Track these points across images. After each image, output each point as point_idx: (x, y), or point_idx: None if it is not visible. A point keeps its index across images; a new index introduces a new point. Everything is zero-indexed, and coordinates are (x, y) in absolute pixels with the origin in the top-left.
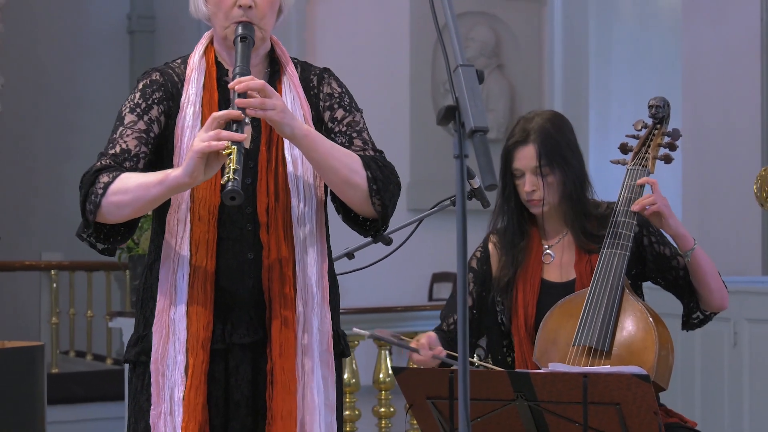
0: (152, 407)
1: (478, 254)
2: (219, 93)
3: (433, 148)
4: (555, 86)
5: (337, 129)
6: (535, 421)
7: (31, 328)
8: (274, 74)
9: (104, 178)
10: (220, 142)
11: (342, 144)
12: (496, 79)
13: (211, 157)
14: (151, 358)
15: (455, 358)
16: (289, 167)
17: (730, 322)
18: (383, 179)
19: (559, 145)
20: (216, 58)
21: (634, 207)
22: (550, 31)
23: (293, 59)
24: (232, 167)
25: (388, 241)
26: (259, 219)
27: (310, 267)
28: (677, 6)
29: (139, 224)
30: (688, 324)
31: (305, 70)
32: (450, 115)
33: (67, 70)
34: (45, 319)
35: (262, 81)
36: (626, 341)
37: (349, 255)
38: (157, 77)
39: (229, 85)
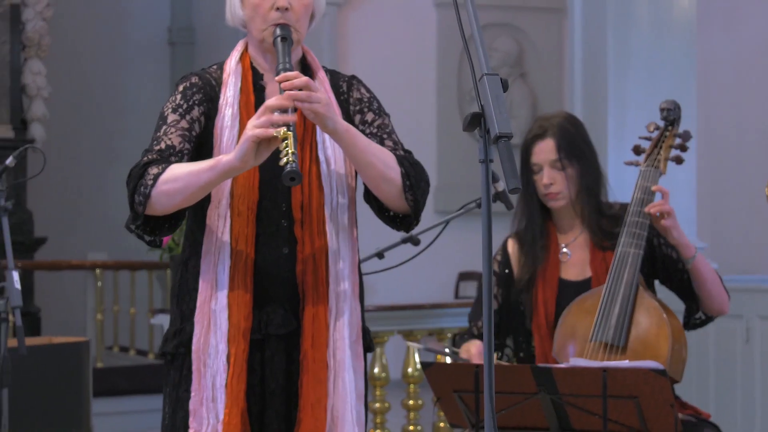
0: (193, 395)
1: (498, 258)
2: (255, 96)
3: (459, 153)
4: (575, 93)
5: (368, 131)
6: (557, 414)
7: (77, 325)
8: None
9: (153, 170)
10: (274, 129)
11: None
12: (518, 88)
13: (262, 143)
14: (193, 348)
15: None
16: (323, 166)
17: (742, 319)
18: (415, 176)
19: (576, 140)
20: (251, 63)
21: (649, 209)
22: (569, 41)
23: (323, 67)
24: (290, 150)
25: (416, 242)
26: (294, 215)
27: (342, 261)
28: (692, 15)
29: (184, 218)
30: (690, 324)
31: (334, 76)
32: (476, 121)
33: (110, 79)
34: (90, 316)
35: (307, 77)
36: (641, 336)
37: (380, 255)
38: (197, 80)
39: (276, 79)
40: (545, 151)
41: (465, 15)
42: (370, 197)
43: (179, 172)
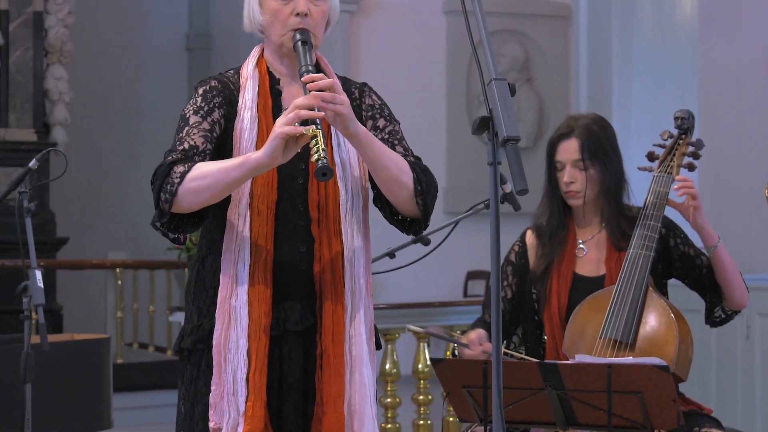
0: (214, 388)
1: (516, 248)
2: (272, 100)
3: (468, 155)
4: (580, 98)
5: (379, 137)
6: (563, 409)
7: (98, 322)
8: None
9: (180, 168)
10: (304, 126)
11: None
12: (525, 92)
13: (290, 141)
14: (213, 343)
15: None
16: (338, 168)
17: (743, 317)
18: (426, 181)
19: (601, 142)
20: (268, 68)
21: (677, 189)
22: (575, 47)
23: (335, 74)
24: (320, 147)
25: (426, 242)
26: (311, 215)
27: (357, 260)
28: (694, 21)
29: (208, 216)
30: (710, 320)
31: (346, 83)
32: (484, 125)
33: (129, 84)
34: (111, 313)
35: (332, 79)
36: (649, 335)
37: (391, 254)
38: (216, 84)
39: (302, 80)
40: (569, 150)
41: (474, 22)
42: (381, 201)
43: (207, 169)
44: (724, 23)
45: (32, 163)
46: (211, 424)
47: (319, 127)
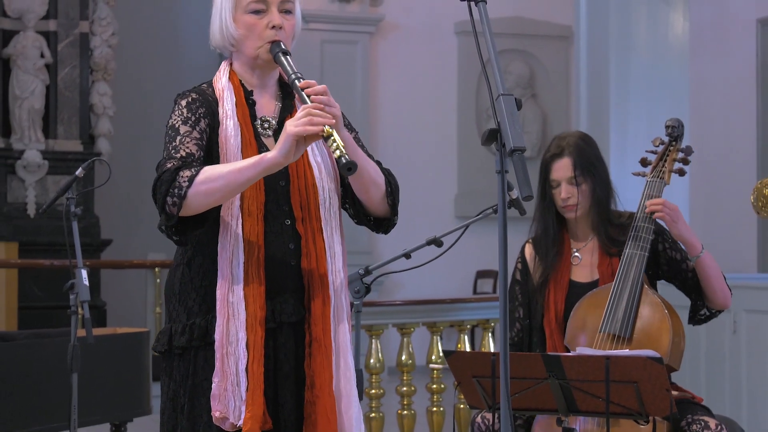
0: (217, 380)
1: (519, 266)
2: (249, 109)
3: (477, 164)
4: (581, 112)
5: None
6: (565, 397)
7: (138, 317)
8: (285, 96)
9: (186, 173)
10: (315, 127)
11: None
12: (530, 107)
13: (299, 141)
14: (216, 338)
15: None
16: (315, 171)
17: (730, 313)
18: (394, 183)
19: (590, 157)
20: (240, 81)
21: (648, 204)
22: (576, 65)
23: None
24: (340, 144)
25: (439, 243)
26: (295, 214)
27: (337, 255)
28: (685, 42)
29: (212, 219)
30: (695, 319)
31: None
32: (493, 136)
33: (168, 98)
34: (150, 309)
35: (324, 86)
36: (645, 328)
37: (407, 255)
38: (197, 96)
39: (300, 85)
40: (563, 168)
41: (483, 42)
42: (352, 202)
43: (218, 171)
44: (712, 43)
45: (79, 172)
46: (216, 414)
47: (330, 127)
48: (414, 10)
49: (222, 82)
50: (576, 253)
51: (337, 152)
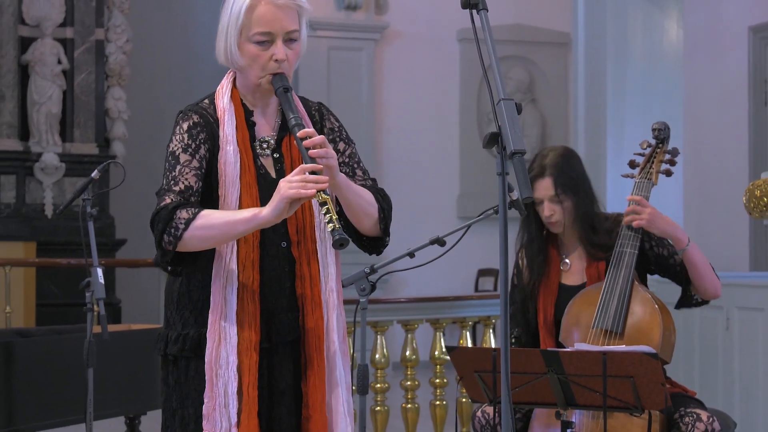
0: (207, 401)
1: (515, 271)
2: (248, 131)
3: (478, 166)
4: (579, 116)
5: (341, 160)
6: (563, 391)
7: (152, 314)
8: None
9: (183, 214)
10: (310, 191)
11: (345, 174)
12: (530, 111)
13: (293, 201)
14: (206, 359)
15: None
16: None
17: (723, 310)
18: (387, 208)
19: (570, 176)
20: (241, 99)
21: (625, 220)
22: (574, 71)
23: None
24: (333, 217)
25: (442, 243)
26: (291, 238)
27: (331, 275)
28: (679, 49)
29: (205, 257)
30: (688, 303)
31: (305, 103)
32: (494, 140)
33: (180, 103)
34: (163, 306)
35: (322, 136)
36: (636, 324)
37: (411, 254)
38: (198, 120)
39: (299, 134)
40: (544, 188)
41: (484, 48)
42: (347, 227)
43: (214, 221)
44: (706, 50)
45: (94, 174)
46: None
47: (327, 192)
48: (418, 17)
49: (224, 101)
50: (565, 260)
51: (330, 225)
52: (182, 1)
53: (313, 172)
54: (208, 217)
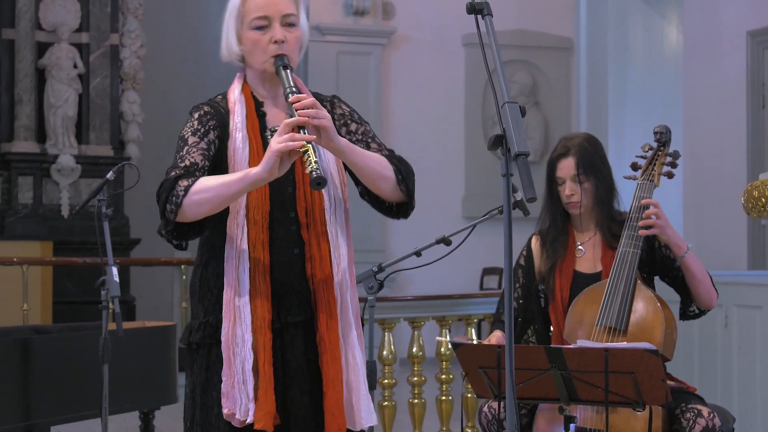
0: (225, 379)
1: (524, 253)
2: (258, 120)
3: (483, 167)
4: (581, 119)
5: (354, 139)
6: (566, 387)
7: (165, 312)
8: None
9: (184, 182)
10: (296, 142)
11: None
12: (533, 114)
13: (284, 156)
14: (222, 339)
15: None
16: None
17: (722, 308)
18: (405, 169)
19: (594, 159)
20: (252, 93)
21: (641, 224)
22: (576, 75)
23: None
24: (312, 159)
25: (448, 242)
26: (300, 221)
27: (342, 257)
28: (679, 53)
29: (208, 227)
30: (685, 316)
31: (318, 98)
32: (498, 142)
33: (192, 104)
34: (177, 304)
35: (313, 98)
36: (639, 322)
37: (417, 253)
38: (209, 109)
39: (289, 100)
40: (567, 167)
41: (489, 53)
42: (368, 195)
43: (210, 183)
44: (705, 54)
45: (109, 175)
46: (225, 411)
47: (309, 142)
48: (424, 23)
49: (235, 94)
50: (580, 247)
51: (309, 167)
52: (195, 7)
53: (301, 126)
54: (205, 181)
